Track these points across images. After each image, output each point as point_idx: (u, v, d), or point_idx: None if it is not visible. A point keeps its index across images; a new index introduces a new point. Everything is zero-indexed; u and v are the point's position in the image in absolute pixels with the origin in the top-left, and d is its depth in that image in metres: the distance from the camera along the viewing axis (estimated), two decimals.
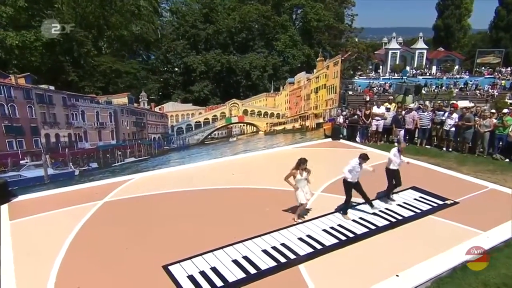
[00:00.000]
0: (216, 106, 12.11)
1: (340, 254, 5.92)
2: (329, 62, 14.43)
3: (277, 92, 14.19)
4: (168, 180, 9.92)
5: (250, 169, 11.07)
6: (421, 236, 6.47)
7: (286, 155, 11.77)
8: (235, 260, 5.72)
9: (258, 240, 6.32)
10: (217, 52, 23.84)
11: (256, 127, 13.03)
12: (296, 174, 6.58)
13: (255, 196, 8.56)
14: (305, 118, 14.27)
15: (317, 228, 6.76)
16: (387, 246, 6.11)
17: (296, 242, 6.26)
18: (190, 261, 5.72)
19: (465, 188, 8.75)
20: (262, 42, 24.99)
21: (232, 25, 24.15)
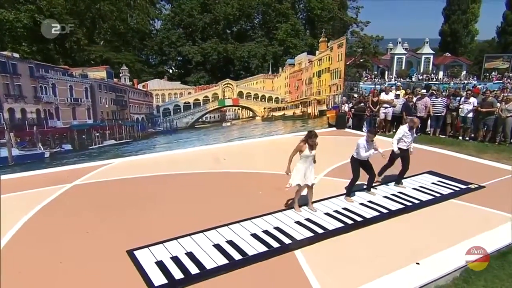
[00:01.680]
0: (208, 86, 11.22)
1: (347, 239, 5.01)
2: (333, 43, 13.55)
3: (275, 73, 13.31)
4: (151, 164, 9.04)
5: (244, 156, 10.19)
6: (443, 220, 5.57)
7: (285, 144, 10.77)
8: (217, 245, 4.81)
9: (247, 224, 5.41)
10: (214, 40, 23.04)
11: (252, 111, 12.16)
12: (303, 148, 5.57)
13: (248, 180, 7.76)
14: (307, 104, 13.40)
15: (318, 211, 5.85)
16: (403, 231, 5.20)
17: (292, 226, 5.35)
18: (162, 245, 4.81)
19: (489, 173, 7.85)
20: (262, 32, 24.19)
21: (230, 13, 23.36)
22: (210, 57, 22.55)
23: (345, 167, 6.87)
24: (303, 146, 5.57)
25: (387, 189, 6.93)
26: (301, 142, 5.62)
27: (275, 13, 24.48)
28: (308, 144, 5.55)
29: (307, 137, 5.58)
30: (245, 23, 24.18)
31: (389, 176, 7.26)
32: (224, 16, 23.63)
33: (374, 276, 4.08)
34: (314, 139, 5.54)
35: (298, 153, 5.63)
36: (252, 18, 24.49)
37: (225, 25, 24.03)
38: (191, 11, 24.82)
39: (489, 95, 11.84)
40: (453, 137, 12.42)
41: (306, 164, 5.61)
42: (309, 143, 5.54)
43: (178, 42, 24.67)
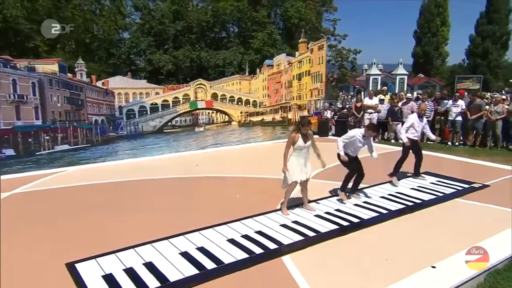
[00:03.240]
0: (178, 86, 10.46)
1: (344, 242, 4.30)
2: (313, 45, 13.20)
3: (253, 75, 12.74)
4: (111, 172, 8.09)
5: (220, 161, 9.42)
6: (452, 220, 4.99)
7: (265, 152, 10.22)
8: (184, 253, 3.96)
9: (222, 228, 4.61)
10: (187, 48, 22.43)
11: (228, 116, 11.46)
12: (296, 138, 4.91)
13: (223, 184, 7.06)
14: (287, 110, 12.86)
15: (307, 214, 5.15)
16: (409, 232, 4.56)
17: (278, 229, 4.60)
18: (114, 255, 3.91)
19: (490, 173, 7.46)
20: (238, 40, 23.86)
21: (204, 20, 22.92)
22: (182, 64, 21.86)
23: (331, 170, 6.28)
24: (295, 137, 4.93)
25: (382, 189, 6.35)
26: (292, 133, 5.01)
27: (251, 21, 24.30)
28: (301, 133, 4.92)
29: (298, 125, 4.97)
30: (220, 30, 23.80)
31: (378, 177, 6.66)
32: (197, 23, 23.18)
33: (385, 282, 3.36)
34: (307, 127, 4.92)
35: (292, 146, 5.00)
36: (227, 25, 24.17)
37: (199, 33, 23.55)
38: (162, 18, 24.24)
39: (476, 98, 11.67)
40: (442, 143, 12.12)
41: (301, 157, 4.99)
42: (302, 132, 4.92)
43: (148, 50, 23.91)
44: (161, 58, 23.21)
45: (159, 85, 10.58)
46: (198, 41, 23.79)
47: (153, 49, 23.94)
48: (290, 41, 25.43)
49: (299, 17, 24.68)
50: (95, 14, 25.38)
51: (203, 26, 23.35)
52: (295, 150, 4.98)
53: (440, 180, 6.86)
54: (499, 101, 11.14)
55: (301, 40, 13.51)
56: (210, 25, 23.54)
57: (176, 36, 24.17)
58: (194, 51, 22.96)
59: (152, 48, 23.95)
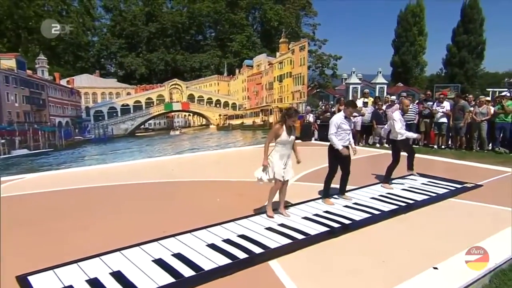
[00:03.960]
0: (151, 86, 10.09)
1: (337, 244, 4.06)
2: (294, 45, 13.14)
3: (232, 75, 12.51)
4: (77, 178, 7.63)
5: (197, 165, 9.09)
6: (448, 220, 4.86)
7: (245, 157, 9.95)
8: (158, 260, 3.61)
9: (201, 233, 4.29)
10: (161, 50, 22.04)
11: (206, 118, 11.16)
12: (280, 131, 4.66)
13: (202, 188, 6.78)
14: (268, 113, 12.68)
15: (294, 216, 4.89)
16: (404, 233, 4.39)
17: (263, 232, 4.32)
18: (75, 265, 3.52)
19: (481, 173, 7.45)
20: (215, 43, 23.68)
21: (179, 21, 22.63)
22: (156, 68, 21.42)
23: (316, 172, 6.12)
24: (279, 129, 4.67)
25: (372, 190, 6.20)
26: (276, 124, 4.77)
27: (229, 24, 24.19)
28: (285, 126, 4.67)
29: (284, 116, 4.69)
30: (197, 33, 23.57)
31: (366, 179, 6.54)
32: (172, 25, 22.86)
33: (384, 285, 3.13)
34: (294, 119, 4.68)
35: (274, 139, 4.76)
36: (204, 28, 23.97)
37: (174, 35, 23.21)
38: (134, 20, 23.78)
39: (460, 99, 11.80)
40: (427, 146, 12.20)
41: (284, 154, 4.73)
42: (288, 124, 4.66)
43: (119, 53, 23.34)
44: (133, 61, 22.71)
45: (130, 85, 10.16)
46: (173, 44, 23.46)
47: (124, 52, 23.40)
48: (270, 45, 25.46)
49: (278, 20, 24.78)
50: (61, 15, 24.66)
51: (178, 28, 23.06)
52: (277, 145, 4.73)
53: (431, 181, 6.78)
54: (483, 102, 11.29)
55: (282, 40, 13.42)
56: (186, 27, 23.28)
57: (150, 39, 23.74)
58: (169, 54, 22.59)
59: (123, 51, 23.42)
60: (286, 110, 4.83)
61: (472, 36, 37.67)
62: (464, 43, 37.91)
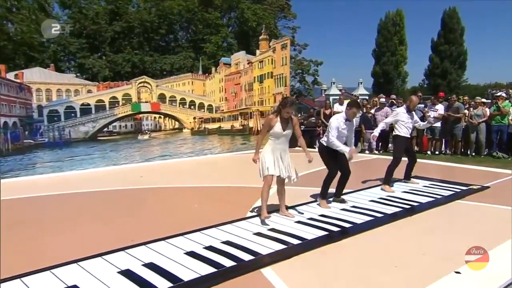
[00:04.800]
0: (116, 84, 9.64)
1: (338, 249, 3.79)
2: (275, 43, 13.03)
3: (207, 74, 12.25)
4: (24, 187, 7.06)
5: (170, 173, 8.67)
6: (461, 222, 4.73)
7: (223, 165, 9.60)
8: (125, 271, 3.20)
9: (177, 240, 3.93)
10: (127, 51, 21.58)
11: (178, 121, 10.85)
12: (274, 122, 4.43)
13: (175, 194, 6.53)
14: (248, 116, 12.44)
15: (285, 220, 4.61)
16: (412, 236, 4.19)
17: (251, 238, 4.01)
18: (18, 280, 3.05)
19: (484, 176, 7.40)
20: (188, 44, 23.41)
21: (147, 20, 22.28)
22: (122, 70, 20.89)
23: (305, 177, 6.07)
24: (273, 120, 4.45)
25: (370, 193, 6.01)
26: (271, 115, 4.58)
27: (203, 23, 24.02)
28: (280, 117, 4.43)
29: (280, 106, 4.48)
30: (167, 33, 23.27)
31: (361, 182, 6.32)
32: (140, 24, 22.46)
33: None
34: (290, 109, 4.43)
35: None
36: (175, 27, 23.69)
37: (141, 35, 22.80)
38: (96, 17, 23.24)
39: (454, 101, 11.91)
40: (420, 153, 12.18)
41: (277, 148, 4.51)
42: (283, 115, 4.43)
43: (79, 53, 22.68)
44: (96, 63, 22.08)
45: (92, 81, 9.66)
46: (141, 44, 23.03)
47: (85, 52, 22.77)
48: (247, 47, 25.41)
49: (256, 20, 24.82)
50: (10, 11, 23.80)
51: (147, 27, 22.68)
52: (271, 138, 4.52)
53: (433, 183, 6.64)
54: (479, 104, 11.34)
55: (262, 37, 13.32)
56: (155, 26, 22.92)
57: (114, 39, 23.19)
58: (137, 55, 22.12)
59: (84, 51, 22.78)
60: (282, 99, 4.63)
61: (454, 46, 39.11)
62: (446, 53, 39.29)
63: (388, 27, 42.11)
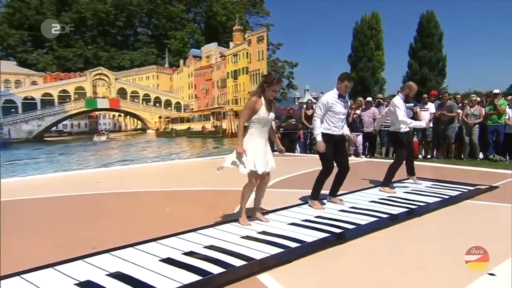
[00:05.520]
0: (67, 75, 9.09)
1: (344, 251, 3.57)
2: (251, 35, 12.84)
3: (175, 67, 11.85)
4: None
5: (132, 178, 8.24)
6: (480, 221, 4.54)
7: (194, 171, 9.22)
8: (86, 283, 2.79)
9: (150, 246, 3.56)
10: (79, 45, 20.88)
11: (142, 121, 10.44)
12: (259, 105, 4.12)
13: (142, 199, 6.16)
14: (221, 117, 12.16)
15: (277, 222, 4.33)
16: (427, 238, 3.97)
17: (239, 242, 3.71)
18: None
19: (489, 176, 7.37)
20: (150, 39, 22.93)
21: (102, 10, 21.68)
22: (73, 66, 20.13)
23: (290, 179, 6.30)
24: (257, 103, 4.13)
25: (368, 194, 5.86)
26: (253, 96, 4.20)
27: (166, 17, 23.59)
28: (265, 98, 4.15)
29: (265, 84, 4.15)
30: (126, 25, 22.73)
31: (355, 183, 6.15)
32: (93, 15, 21.80)
33: None
34: (276, 88, 4.17)
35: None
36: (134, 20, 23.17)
37: (95, 28, 22.12)
38: (40, 7, 22.36)
39: (447, 98, 11.98)
40: None
41: (263, 136, 4.22)
42: (267, 96, 4.15)
43: (20, 47, 21.71)
44: (40, 58, 21.20)
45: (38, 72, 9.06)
46: (95, 38, 22.32)
47: (27, 46, 21.79)
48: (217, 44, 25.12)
49: (226, 15, 24.62)
50: None
51: (102, 19, 22.05)
52: (253, 125, 4.18)
53: (436, 184, 6.54)
54: (475, 103, 11.40)
55: (236, 28, 13.16)
56: (111, 18, 22.29)
57: (64, 33, 22.34)
58: (90, 50, 21.43)
59: (26, 45, 21.79)
60: (265, 76, 4.29)
61: (432, 51, 40.42)
62: (424, 59, 40.54)
63: (364, 31, 43.14)
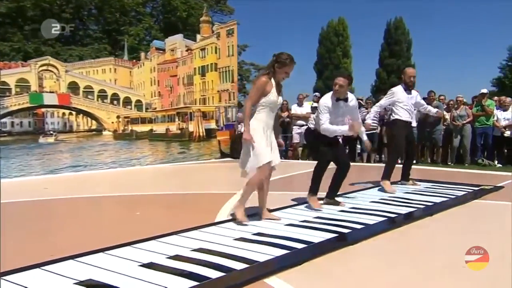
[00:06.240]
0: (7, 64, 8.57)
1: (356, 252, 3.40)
2: (219, 27, 12.71)
3: (135, 61, 11.49)
4: None
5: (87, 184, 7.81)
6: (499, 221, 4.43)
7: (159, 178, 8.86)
8: None
9: (124, 251, 3.29)
10: (17, 38, 20.08)
11: (97, 121, 10.01)
12: (269, 86, 3.93)
13: (105, 203, 5.82)
14: (187, 117, 11.89)
15: (272, 223, 4.11)
16: (448, 235, 3.87)
17: (234, 244, 3.45)
18: None
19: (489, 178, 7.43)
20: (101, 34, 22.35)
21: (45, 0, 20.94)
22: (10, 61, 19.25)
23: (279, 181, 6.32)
24: (268, 84, 3.94)
25: (367, 195, 5.71)
26: (263, 76, 3.99)
27: (119, 10, 23.09)
28: (275, 79, 3.99)
29: (274, 65, 3.95)
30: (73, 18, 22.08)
31: None
32: (34, 5, 21.07)
33: None
34: (290, 69, 4.03)
35: None
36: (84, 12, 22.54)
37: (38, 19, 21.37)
38: None
39: (434, 98, 11.99)
40: None
41: (269, 124, 4.08)
42: (278, 77, 4.01)
43: None
44: None
45: None
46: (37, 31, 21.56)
47: None
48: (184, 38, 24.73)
49: (187, 10, 24.30)
50: None
51: (45, 10, 21.34)
52: (261, 109, 4.01)
53: (436, 185, 6.48)
54: (461, 103, 11.52)
55: (204, 19, 13.05)
56: (56, 9, 21.58)
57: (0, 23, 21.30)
58: (31, 44, 20.64)
59: None
60: (276, 56, 4.02)
61: (400, 59, 41.60)
62: (392, 67, 41.65)
63: (331, 37, 43.89)
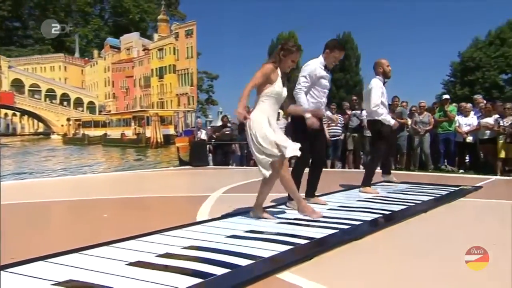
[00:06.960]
0: None
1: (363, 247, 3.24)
2: (178, 27, 12.38)
3: (88, 59, 11.09)
4: None
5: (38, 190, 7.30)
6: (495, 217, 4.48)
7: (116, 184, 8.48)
8: None
9: (104, 250, 3.00)
10: None
11: (44, 123, 9.48)
12: (275, 75, 3.82)
13: (62, 208, 5.53)
14: (144, 122, 11.48)
15: (262, 222, 3.91)
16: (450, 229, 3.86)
17: (228, 241, 3.25)
18: None
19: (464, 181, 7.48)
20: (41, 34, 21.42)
21: None
22: None
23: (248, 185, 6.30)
24: (274, 72, 3.82)
25: (349, 196, 5.60)
26: (269, 63, 3.88)
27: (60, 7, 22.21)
28: (280, 68, 3.87)
29: (280, 53, 3.87)
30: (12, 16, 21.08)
31: None
32: None
33: None
34: (296, 58, 3.94)
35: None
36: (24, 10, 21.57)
37: None
38: None
39: (398, 103, 12.15)
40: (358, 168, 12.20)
41: (274, 116, 3.93)
42: (284, 65, 3.90)
43: None
44: None
45: None
46: None
47: None
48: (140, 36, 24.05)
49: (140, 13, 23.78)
50: None
51: None
52: (266, 100, 3.85)
53: (415, 186, 6.51)
54: (424, 108, 11.74)
55: (161, 17, 12.59)
56: None
57: None
58: None
59: None
60: (282, 44, 3.96)
61: (349, 74, 42.78)
62: (341, 81, 42.70)
63: None
